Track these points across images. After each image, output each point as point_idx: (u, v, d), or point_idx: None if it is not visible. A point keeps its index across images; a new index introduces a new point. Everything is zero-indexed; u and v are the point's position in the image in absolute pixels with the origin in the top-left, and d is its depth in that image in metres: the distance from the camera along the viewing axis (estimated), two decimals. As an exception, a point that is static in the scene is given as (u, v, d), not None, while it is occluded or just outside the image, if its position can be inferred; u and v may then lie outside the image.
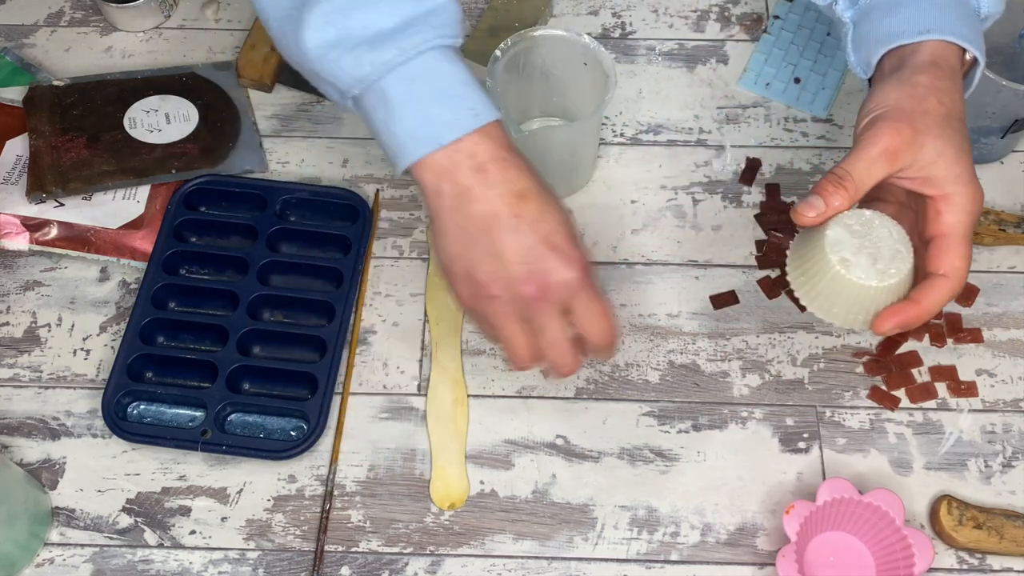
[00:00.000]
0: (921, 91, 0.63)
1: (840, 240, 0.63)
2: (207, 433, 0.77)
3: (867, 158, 0.62)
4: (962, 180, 0.62)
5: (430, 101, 0.62)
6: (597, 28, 0.97)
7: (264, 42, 0.94)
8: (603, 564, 0.75)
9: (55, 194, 0.86)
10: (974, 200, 0.63)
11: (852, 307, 0.64)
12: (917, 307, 0.63)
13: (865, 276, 0.62)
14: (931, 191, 0.63)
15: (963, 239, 0.62)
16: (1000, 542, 0.73)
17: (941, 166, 0.62)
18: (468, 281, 0.64)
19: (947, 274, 0.62)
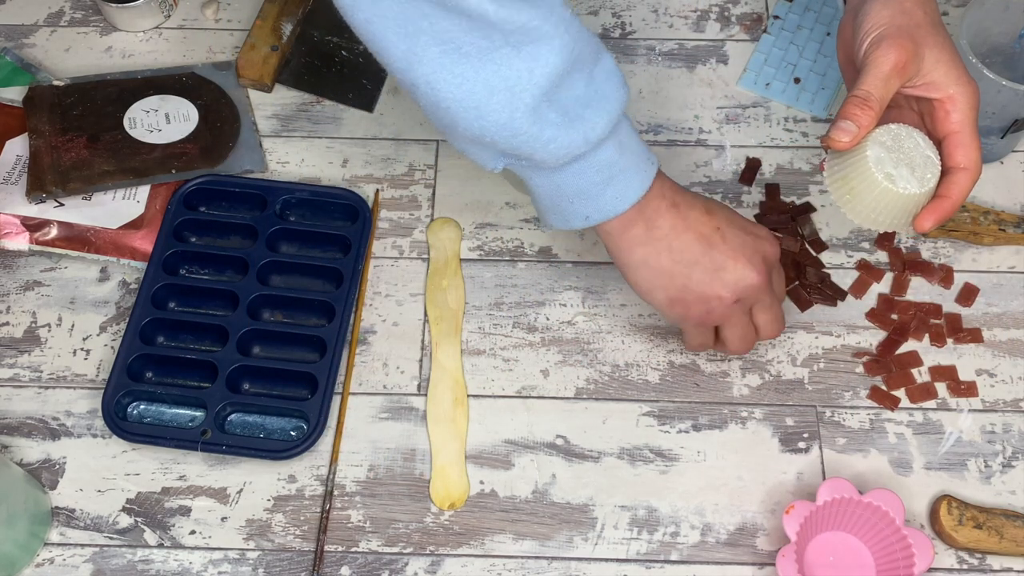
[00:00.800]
0: (908, 5, 0.69)
1: (881, 158, 0.68)
2: (207, 433, 0.77)
3: (882, 76, 0.67)
4: (962, 80, 0.68)
5: (635, 156, 0.68)
6: (597, 28, 0.97)
7: (264, 42, 0.94)
8: (603, 564, 0.75)
9: (55, 194, 0.86)
10: (973, 95, 0.68)
11: (898, 215, 0.70)
12: (949, 202, 0.69)
13: (909, 186, 0.68)
14: (936, 94, 0.68)
15: (972, 133, 0.68)
16: (1000, 542, 0.73)
17: (941, 71, 0.68)
18: (685, 298, 0.72)
19: (967, 167, 0.68)
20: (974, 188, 0.85)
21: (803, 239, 0.86)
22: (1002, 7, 0.83)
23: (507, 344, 0.82)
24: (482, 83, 0.61)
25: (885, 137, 0.69)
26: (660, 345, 0.82)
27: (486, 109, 0.62)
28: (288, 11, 0.96)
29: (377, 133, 0.92)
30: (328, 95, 0.94)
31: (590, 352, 0.82)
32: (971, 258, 0.86)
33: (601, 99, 0.65)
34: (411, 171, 0.90)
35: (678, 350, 0.82)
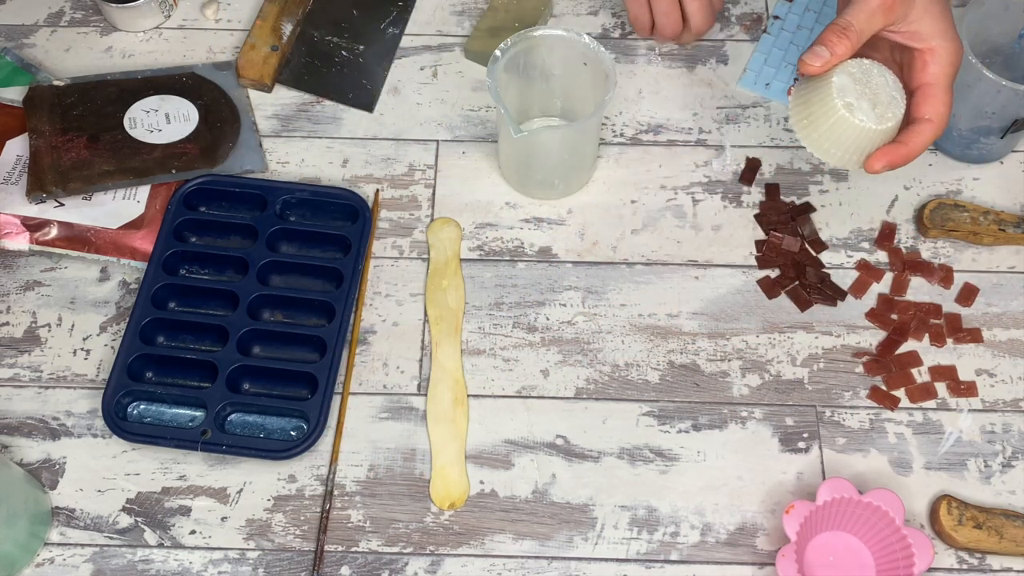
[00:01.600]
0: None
1: (845, 87, 0.68)
2: (207, 433, 0.77)
3: (867, 10, 0.67)
4: (947, 36, 0.68)
5: None
6: (597, 28, 0.97)
7: (264, 42, 0.94)
8: (603, 564, 0.75)
9: (55, 194, 0.86)
10: (956, 52, 0.69)
11: (850, 148, 0.69)
12: (905, 148, 0.69)
13: (866, 119, 0.68)
14: (918, 44, 0.68)
15: (946, 88, 0.68)
16: (1000, 542, 0.73)
17: (928, 22, 0.68)
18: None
19: (932, 119, 0.68)
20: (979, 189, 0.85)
21: (803, 239, 0.86)
22: (1002, 7, 0.83)
23: (507, 344, 0.82)
24: None
25: (855, 69, 0.69)
26: (660, 345, 0.82)
27: None
28: (288, 11, 0.96)
29: (377, 133, 0.92)
30: (328, 95, 0.94)
31: (590, 352, 0.82)
32: (971, 258, 0.86)
33: None
34: (411, 171, 0.90)
35: (678, 350, 0.82)
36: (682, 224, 0.87)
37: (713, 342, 0.82)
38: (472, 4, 0.98)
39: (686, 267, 0.85)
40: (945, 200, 0.86)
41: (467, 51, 0.95)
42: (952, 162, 0.90)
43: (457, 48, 0.96)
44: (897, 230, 0.87)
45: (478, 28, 0.95)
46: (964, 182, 0.89)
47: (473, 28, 0.96)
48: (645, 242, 0.86)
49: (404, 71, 0.95)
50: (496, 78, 0.80)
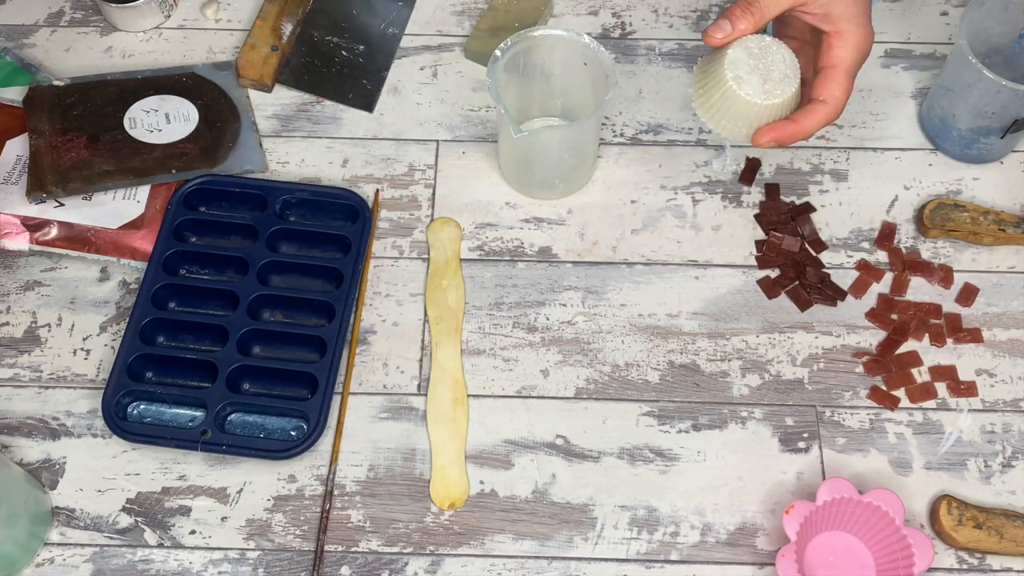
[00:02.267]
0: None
1: (738, 59, 0.69)
2: (207, 433, 0.77)
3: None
4: (856, 20, 0.68)
5: None
6: (597, 28, 0.97)
7: (264, 42, 0.94)
8: (603, 564, 0.75)
9: (55, 194, 0.86)
10: (864, 39, 0.69)
11: (738, 121, 0.70)
12: (794, 126, 0.69)
13: (752, 93, 0.69)
14: (828, 27, 0.69)
15: (847, 72, 0.68)
16: (1000, 542, 0.73)
17: (840, 5, 0.68)
18: None
19: (826, 100, 0.69)
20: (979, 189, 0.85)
21: (803, 239, 0.86)
22: (1002, 7, 0.83)
23: (507, 344, 0.82)
24: None
25: (753, 44, 0.70)
26: (660, 345, 0.82)
27: None
28: (288, 11, 0.96)
29: (377, 133, 0.92)
30: (328, 95, 0.94)
31: (590, 352, 0.82)
32: (971, 258, 0.86)
33: None
34: (411, 171, 0.90)
35: (678, 350, 0.82)
36: (682, 224, 0.87)
37: (713, 342, 0.82)
38: (472, 4, 0.98)
39: (686, 267, 0.85)
40: (945, 200, 0.86)
41: (467, 51, 0.95)
42: (952, 162, 0.90)
43: (457, 48, 0.96)
44: (897, 230, 0.87)
45: (478, 28, 0.95)
46: (964, 182, 0.89)
47: (473, 28, 0.96)
48: (645, 242, 0.86)
49: (404, 71, 0.95)
50: (496, 78, 0.80)
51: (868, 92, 0.93)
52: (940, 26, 0.97)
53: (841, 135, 0.91)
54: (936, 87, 0.89)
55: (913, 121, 0.92)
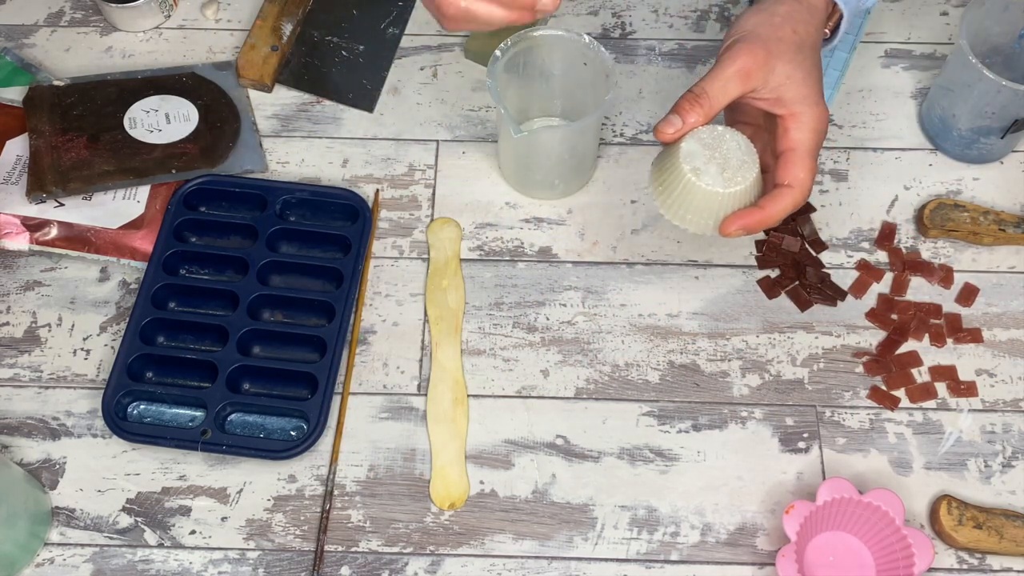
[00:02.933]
0: (778, 20, 0.68)
1: (693, 152, 0.68)
2: (207, 433, 0.77)
3: (722, 77, 0.67)
4: (808, 101, 0.67)
5: None
6: (597, 28, 0.97)
7: (264, 42, 0.94)
8: (603, 564, 0.75)
9: (55, 194, 0.86)
10: (819, 119, 0.68)
11: (702, 213, 0.69)
12: (761, 212, 0.68)
13: (712, 183, 0.68)
14: (781, 110, 0.68)
15: (807, 153, 0.68)
16: (1000, 542, 0.73)
17: (790, 88, 0.67)
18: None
19: (791, 184, 0.68)
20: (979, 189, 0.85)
21: (803, 239, 0.86)
22: (1002, 7, 0.83)
23: (507, 344, 0.82)
24: None
25: (705, 135, 0.69)
26: (660, 345, 0.82)
27: None
28: (288, 11, 0.96)
29: (377, 133, 0.92)
30: (328, 95, 0.94)
31: (590, 352, 0.82)
32: (971, 258, 0.86)
33: None
34: (411, 171, 0.90)
35: (678, 350, 0.82)
36: (682, 224, 0.87)
37: (713, 342, 0.82)
38: (472, 4, 0.98)
39: (686, 267, 0.85)
40: (945, 200, 0.86)
41: (467, 51, 0.95)
42: (952, 162, 0.90)
43: (457, 48, 0.96)
44: (897, 230, 0.87)
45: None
46: (964, 182, 0.89)
47: (473, 28, 0.96)
48: (645, 242, 0.86)
49: (404, 71, 0.95)
50: (496, 78, 0.80)
51: (868, 92, 0.93)
52: (940, 26, 0.97)
53: (841, 135, 0.91)
54: (936, 87, 0.89)
55: (913, 121, 0.92)
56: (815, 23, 0.70)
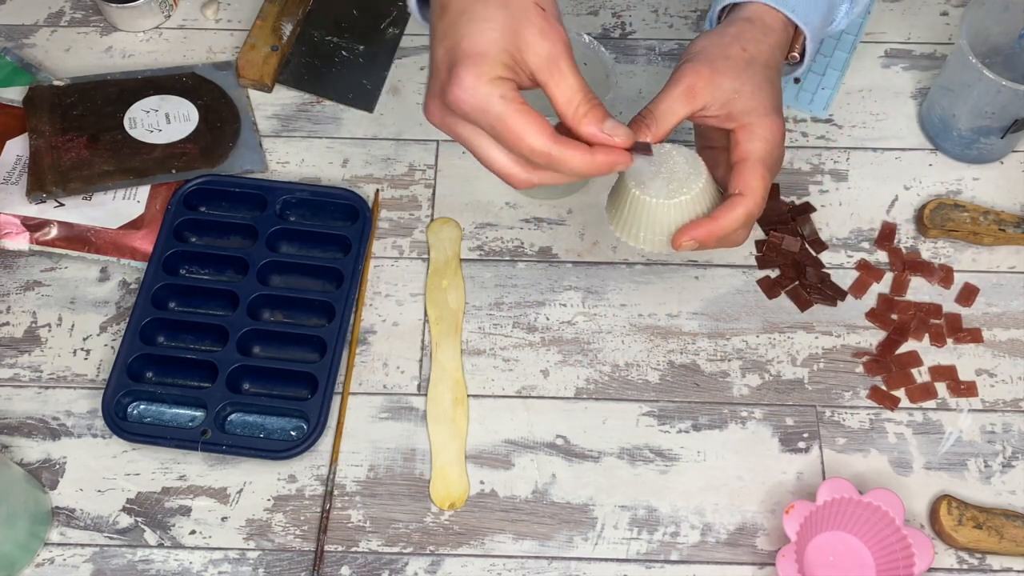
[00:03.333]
0: (726, 40, 0.68)
1: (638, 169, 0.67)
2: (207, 433, 0.77)
3: (668, 98, 0.67)
4: (758, 112, 0.67)
5: None
6: (597, 28, 0.97)
7: (264, 42, 0.94)
8: (603, 564, 0.75)
9: (55, 194, 0.86)
10: (771, 130, 0.67)
11: (653, 228, 0.68)
12: (713, 222, 0.66)
13: (657, 194, 0.67)
14: (731, 124, 0.67)
15: (759, 162, 0.66)
16: (1000, 542, 0.73)
17: (738, 102, 0.66)
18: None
19: (743, 192, 0.66)
20: (979, 189, 0.85)
21: (803, 239, 0.86)
22: (1002, 7, 0.83)
23: (507, 344, 0.82)
24: None
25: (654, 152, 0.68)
26: (660, 345, 0.82)
27: None
28: (288, 11, 0.96)
29: (377, 133, 0.92)
30: (328, 95, 0.94)
31: (590, 352, 0.82)
32: (971, 258, 0.86)
33: None
34: (411, 171, 0.90)
35: (678, 350, 0.82)
36: (682, 224, 0.87)
37: (713, 342, 0.82)
38: (472, 4, 0.98)
39: (686, 267, 0.85)
40: (945, 200, 0.86)
41: (467, 51, 0.95)
42: (952, 162, 0.90)
43: (457, 48, 0.96)
44: (897, 230, 0.87)
45: (478, 28, 0.95)
46: (964, 182, 0.89)
47: (473, 28, 0.96)
48: (645, 242, 0.86)
49: (404, 71, 0.95)
50: (496, 78, 0.80)
51: (868, 92, 0.93)
52: (940, 26, 0.97)
53: (841, 135, 0.91)
54: (936, 87, 0.89)
55: (913, 121, 0.92)
56: (769, 42, 0.69)
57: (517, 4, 0.58)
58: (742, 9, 0.71)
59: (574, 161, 0.60)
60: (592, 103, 0.61)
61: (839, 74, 0.94)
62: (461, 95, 0.58)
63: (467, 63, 0.57)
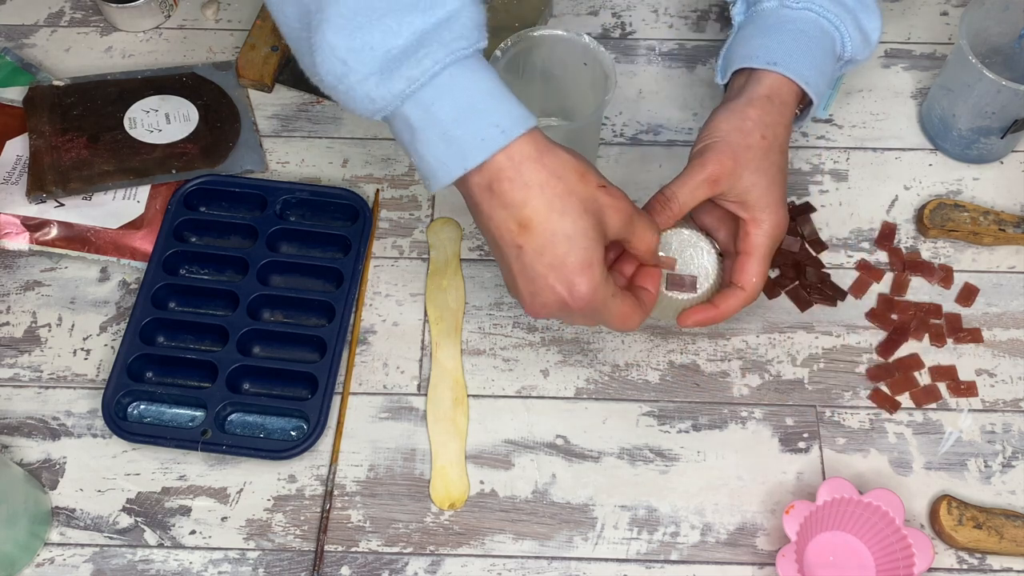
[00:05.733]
0: (749, 125, 0.70)
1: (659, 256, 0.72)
2: (207, 433, 0.77)
3: (692, 183, 0.70)
4: (771, 208, 0.71)
5: (452, 124, 0.61)
6: (597, 28, 0.97)
7: (264, 42, 0.94)
8: (603, 564, 0.75)
9: (55, 194, 0.86)
10: (777, 225, 0.71)
11: (666, 311, 0.75)
12: (715, 311, 0.72)
13: (673, 291, 0.73)
14: (744, 214, 0.71)
15: (762, 259, 0.71)
16: (1000, 542, 0.73)
17: (753, 193, 0.70)
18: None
19: (744, 287, 0.72)
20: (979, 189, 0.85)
21: (803, 239, 0.86)
22: (1002, 7, 0.83)
23: (507, 344, 0.82)
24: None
25: (672, 239, 0.74)
26: (660, 345, 0.82)
27: None
28: (288, 11, 0.96)
29: (377, 133, 0.92)
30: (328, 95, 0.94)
31: (590, 352, 0.82)
32: (971, 258, 0.86)
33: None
34: (411, 171, 0.90)
35: (678, 350, 0.82)
36: (682, 224, 0.87)
37: (713, 342, 0.82)
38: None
39: (686, 267, 0.85)
40: (945, 200, 0.86)
41: (467, 51, 0.95)
42: (952, 162, 0.90)
43: (457, 48, 0.96)
44: (897, 230, 0.87)
45: (478, 28, 0.95)
46: (964, 182, 0.89)
47: (473, 28, 0.96)
48: (645, 242, 0.86)
49: (404, 71, 0.95)
50: (496, 78, 0.80)
51: (868, 92, 0.93)
52: (940, 26, 0.97)
53: (841, 135, 0.91)
54: (936, 87, 0.89)
55: (913, 121, 0.92)
56: (784, 122, 0.72)
57: (590, 203, 0.63)
58: (759, 81, 0.72)
59: (651, 309, 0.70)
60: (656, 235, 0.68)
61: (839, 74, 0.93)
62: (584, 304, 0.64)
63: (582, 279, 0.63)
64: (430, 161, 0.62)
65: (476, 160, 0.61)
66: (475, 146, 0.61)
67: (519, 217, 0.62)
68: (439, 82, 0.60)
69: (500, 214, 0.62)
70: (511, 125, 0.61)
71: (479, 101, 0.61)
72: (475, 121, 0.61)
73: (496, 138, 0.60)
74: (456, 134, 0.61)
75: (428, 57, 0.59)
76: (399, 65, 0.60)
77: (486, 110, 0.61)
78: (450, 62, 0.60)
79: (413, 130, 0.61)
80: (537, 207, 0.61)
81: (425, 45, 0.59)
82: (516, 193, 0.61)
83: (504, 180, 0.61)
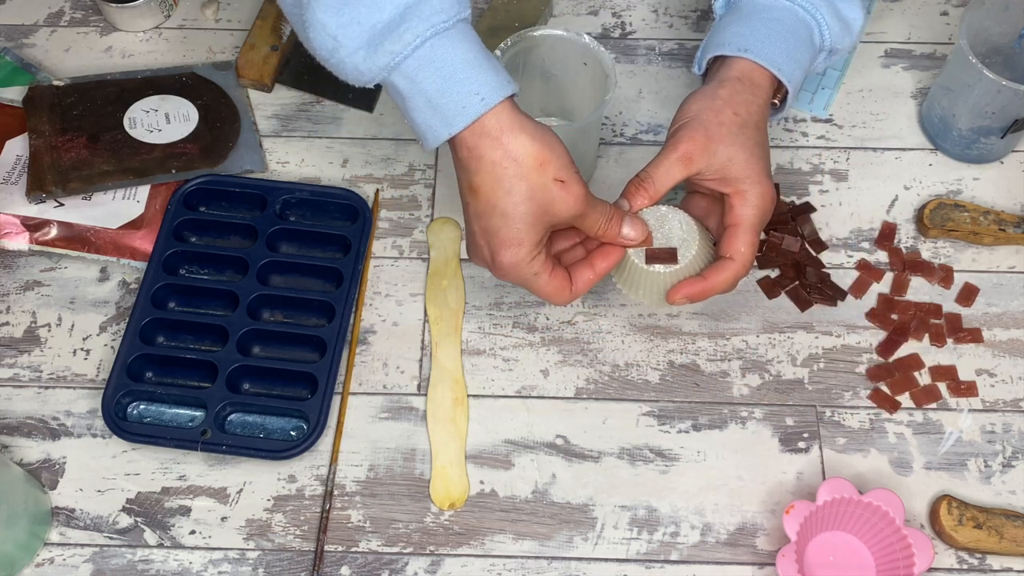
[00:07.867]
0: (719, 103, 0.71)
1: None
2: (207, 433, 0.77)
3: (666, 163, 0.71)
4: (752, 179, 0.71)
5: (435, 93, 0.65)
6: (597, 28, 0.97)
7: (264, 42, 0.94)
8: (603, 564, 0.75)
9: (55, 194, 0.86)
10: (763, 196, 0.71)
11: (651, 290, 0.74)
12: (704, 282, 0.72)
13: (655, 265, 0.72)
14: (726, 189, 0.71)
15: (750, 229, 0.71)
16: (1000, 542, 0.73)
17: (733, 168, 0.71)
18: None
19: (733, 257, 0.71)
20: (979, 189, 0.85)
21: (803, 239, 0.86)
22: (1002, 7, 0.83)
23: (507, 344, 0.82)
24: None
25: (649, 216, 0.73)
26: (660, 345, 0.82)
27: None
28: (288, 11, 0.96)
29: (377, 133, 0.92)
30: (328, 95, 0.94)
31: (590, 352, 0.82)
32: (971, 258, 0.86)
33: None
34: (411, 171, 0.90)
35: (678, 350, 0.82)
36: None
37: (713, 342, 0.82)
38: (472, 4, 0.98)
39: (686, 267, 0.85)
40: (945, 200, 0.86)
41: (467, 51, 0.95)
42: (952, 162, 0.90)
43: (457, 48, 0.96)
44: (897, 230, 0.87)
45: (478, 28, 0.95)
46: (964, 182, 0.89)
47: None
48: (645, 242, 0.86)
49: (404, 71, 0.95)
50: (496, 78, 0.80)
51: (868, 92, 0.93)
52: (940, 26, 0.97)
53: (841, 135, 0.91)
54: (936, 87, 0.89)
55: (913, 121, 0.92)
56: (758, 102, 0.73)
57: (539, 191, 0.65)
58: (731, 66, 0.74)
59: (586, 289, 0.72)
60: (610, 222, 0.70)
61: (839, 74, 0.94)
62: (503, 273, 0.69)
63: (505, 252, 0.67)
64: (420, 124, 0.66)
65: (459, 125, 0.65)
66: (457, 113, 0.65)
67: (471, 182, 0.67)
68: (421, 54, 0.64)
69: (460, 174, 0.68)
70: (490, 92, 0.64)
71: (459, 71, 0.65)
72: (456, 90, 0.64)
73: (476, 106, 0.64)
74: (440, 102, 0.65)
75: (409, 31, 0.63)
76: (383, 39, 0.64)
77: (466, 79, 0.64)
78: (431, 35, 0.64)
79: (403, 97, 0.66)
80: (484, 179, 0.66)
81: (407, 20, 0.63)
82: (472, 162, 0.66)
83: (467, 148, 0.66)
